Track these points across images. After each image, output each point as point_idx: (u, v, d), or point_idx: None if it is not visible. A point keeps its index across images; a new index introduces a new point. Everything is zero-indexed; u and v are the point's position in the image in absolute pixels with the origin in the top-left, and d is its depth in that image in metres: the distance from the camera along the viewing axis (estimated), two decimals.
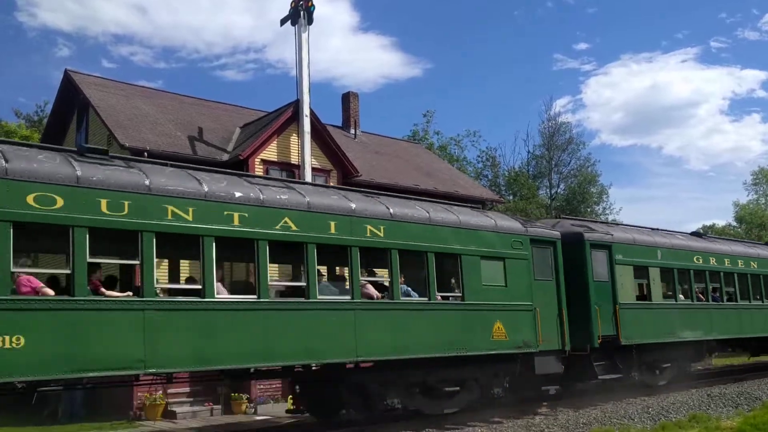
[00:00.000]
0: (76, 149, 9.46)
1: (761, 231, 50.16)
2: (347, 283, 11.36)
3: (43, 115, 36.55)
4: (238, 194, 9.86)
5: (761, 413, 12.60)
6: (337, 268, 13.24)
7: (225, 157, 19.70)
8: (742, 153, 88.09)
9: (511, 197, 44.22)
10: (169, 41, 76.09)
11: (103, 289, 8.73)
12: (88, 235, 8.29)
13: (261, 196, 10.12)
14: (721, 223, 57.82)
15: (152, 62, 73.23)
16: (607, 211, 48.47)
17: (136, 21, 71.79)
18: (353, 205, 11.27)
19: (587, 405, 14.60)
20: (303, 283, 10.38)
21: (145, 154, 17.73)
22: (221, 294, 9.57)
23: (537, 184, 48.20)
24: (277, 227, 10.07)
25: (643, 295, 16.85)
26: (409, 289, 11.85)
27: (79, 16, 70.30)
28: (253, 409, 16.71)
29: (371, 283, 11.67)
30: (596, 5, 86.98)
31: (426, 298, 11.78)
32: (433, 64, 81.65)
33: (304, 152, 19.28)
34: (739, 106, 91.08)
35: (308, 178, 18.94)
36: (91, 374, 8.29)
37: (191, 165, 11.16)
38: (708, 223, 59.38)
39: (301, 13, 19.66)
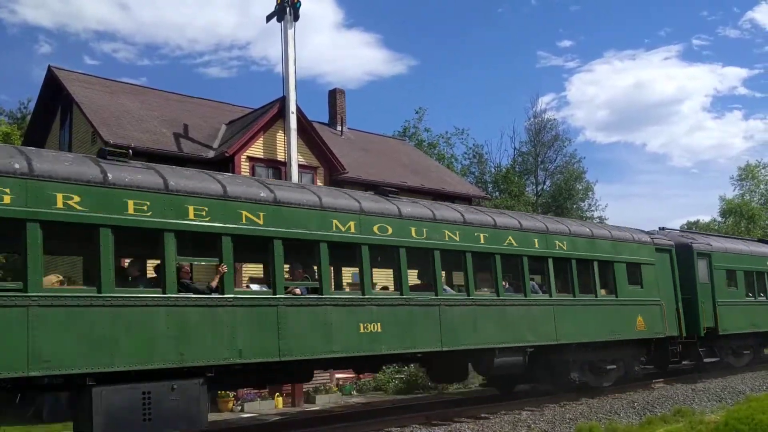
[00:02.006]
0: None
1: (750, 224, 50.45)
2: None
3: (27, 112, 36.12)
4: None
5: (744, 407, 12.71)
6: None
7: (210, 154, 19.60)
8: (724, 150, 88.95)
9: (497, 194, 44.33)
10: (152, 38, 75.71)
11: None
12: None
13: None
14: (705, 219, 58.36)
15: (135, 59, 72.84)
16: (593, 208, 48.75)
17: (118, 18, 71.35)
18: None
19: (573, 400, 14.67)
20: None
21: (130, 151, 17.59)
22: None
23: (524, 181, 48.34)
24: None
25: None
26: None
27: (61, 12, 69.75)
28: (240, 407, 16.65)
29: None
30: (579, 3, 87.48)
31: None
32: (418, 61, 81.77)
33: (291, 149, 19.18)
34: (721, 104, 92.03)
35: (294, 175, 18.87)
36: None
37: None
38: (692, 219, 59.92)
39: (287, 9, 19.56)
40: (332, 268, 12.12)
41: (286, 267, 10.33)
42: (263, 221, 9.75)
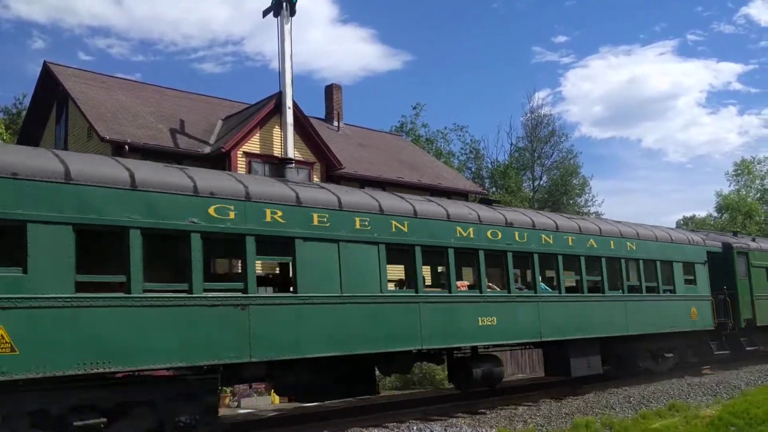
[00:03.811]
0: None
1: (746, 219, 50.63)
2: None
3: (22, 107, 36.02)
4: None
5: (739, 401, 12.79)
6: None
7: (207, 149, 19.57)
8: (719, 145, 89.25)
9: (494, 189, 44.34)
10: (146, 34, 75.49)
11: None
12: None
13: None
14: (701, 214, 58.50)
15: (130, 55, 72.63)
16: (590, 204, 48.81)
17: (112, 13, 71.14)
18: None
19: (569, 395, 14.72)
20: None
21: (126, 147, 17.59)
22: None
23: (521, 176, 48.34)
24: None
25: None
26: None
27: (55, 7, 69.53)
28: (237, 403, 16.66)
29: None
30: None
31: None
32: (413, 57, 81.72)
33: (287, 145, 19.15)
34: (716, 99, 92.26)
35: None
36: None
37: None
38: (688, 214, 60.06)
39: (284, 4, 19.50)
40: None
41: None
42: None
